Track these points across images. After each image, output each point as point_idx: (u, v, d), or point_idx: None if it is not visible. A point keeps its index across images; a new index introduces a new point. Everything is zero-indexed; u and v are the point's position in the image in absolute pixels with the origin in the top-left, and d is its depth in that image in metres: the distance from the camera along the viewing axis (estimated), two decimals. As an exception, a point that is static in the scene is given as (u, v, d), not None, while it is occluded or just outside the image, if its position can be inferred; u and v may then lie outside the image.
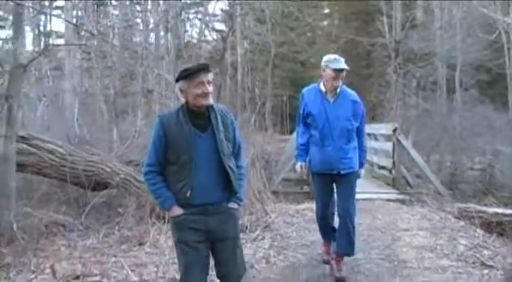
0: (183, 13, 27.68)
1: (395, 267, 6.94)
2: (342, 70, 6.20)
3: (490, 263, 7.00)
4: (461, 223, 9.16)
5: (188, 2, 31.91)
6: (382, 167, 16.12)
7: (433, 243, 7.98)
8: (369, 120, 27.94)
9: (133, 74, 25.05)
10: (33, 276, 6.97)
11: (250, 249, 7.63)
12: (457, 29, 27.47)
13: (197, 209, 4.43)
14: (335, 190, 6.69)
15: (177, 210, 4.43)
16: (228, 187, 4.52)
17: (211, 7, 35.27)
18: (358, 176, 6.59)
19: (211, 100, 4.42)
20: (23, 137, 10.13)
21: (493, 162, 17.37)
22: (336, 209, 6.71)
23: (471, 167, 19.19)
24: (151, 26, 27.53)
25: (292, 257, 7.33)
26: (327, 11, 44.49)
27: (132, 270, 6.88)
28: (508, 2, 25.77)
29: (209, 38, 36.55)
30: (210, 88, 4.39)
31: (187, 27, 33.08)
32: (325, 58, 6.38)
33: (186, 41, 29.84)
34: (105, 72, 24.15)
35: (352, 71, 33.96)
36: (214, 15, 37.42)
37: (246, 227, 8.64)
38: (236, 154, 4.64)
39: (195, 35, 35.13)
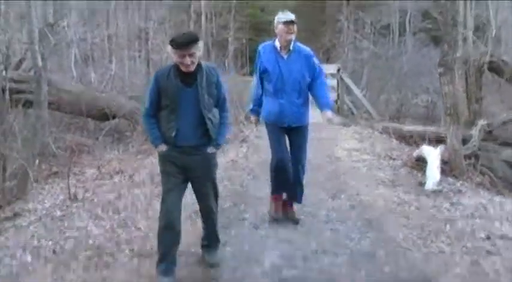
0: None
1: (332, 161, 10.37)
2: (291, 22, 6.29)
3: (395, 156, 10.47)
4: (384, 136, 12.68)
5: None
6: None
7: (360, 147, 11.64)
8: (324, 61, 30.84)
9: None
10: (80, 177, 9.89)
11: (233, 153, 10.93)
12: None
13: (179, 148, 5.07)
14: (289, 144, 6.76)
15: (162, 147, 5.10)
16: (206, 134, 5.11)
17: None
18: (327, 118, 6.61)
19: (192, 68, 4.95)
20: (45, 81, 12.54)
21: (434, 98, 19.87)
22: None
23: (416, 103, 22.33)
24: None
25: (262, 155, 10.29)
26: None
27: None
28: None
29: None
30: (192, 59, 4.88)
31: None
32: (276, 16, 6.48)
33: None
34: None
35: (308, 17, 36.56)
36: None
37: (227, 141, 11.84)
38: (220, 106, 5.25)
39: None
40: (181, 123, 5.05)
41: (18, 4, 15.61)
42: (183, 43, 4.84)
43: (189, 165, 5.14)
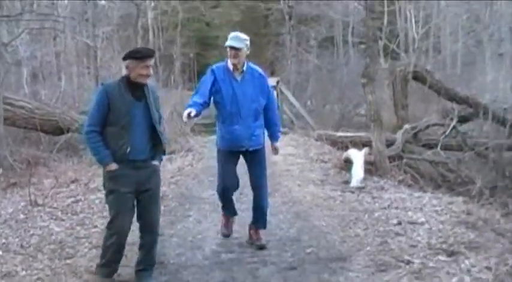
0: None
1: (269, 164, 11.29)
2: (235, 48, 6.16)
3: (327, 160, 11.58)
4: (318, 143, 13.81)
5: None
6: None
7: (295, 152, 12.77)
8: (269, 75, 31.86)
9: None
10: (38, 186, 10.60)
11: (179, 162, 11.85)
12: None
13: (131, 164, 5.03)
14: (246, 168, 6.65)
15: (114, 166, 4.99)
16: (154, 147, 5.21)
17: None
18: (276, 150, 6.85)
19: (149, 80, 5.16)
20: None
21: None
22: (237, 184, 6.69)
23: (359, 112, 23.48)
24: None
25: (206, 162, 11.30)
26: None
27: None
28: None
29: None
30: (151, 71, 5.10)
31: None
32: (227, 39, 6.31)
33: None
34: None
35: (252, 31, 37.55)
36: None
37: (174, 151, 12.78)
38: (158, 121, 5.25)
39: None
40: (134, 137, 5.03)
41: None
42: (149, 54, 5.08)
43: (140, 179, 5.12)
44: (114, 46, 28.44)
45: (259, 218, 6.65)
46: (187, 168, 11.57)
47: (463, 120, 14.72)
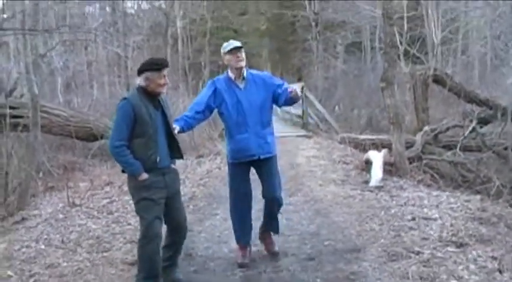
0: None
1: (293, 166, 11.92)
2: (238, 48, 6.03)
3: (348, 161, 12.05)
4: (341, 146, 14.28)
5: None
6: (298, 116, 21.17)
7: (318, 154, 13.25)
8: (295, 81, 32.37)
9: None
10: (75, 189, 11.19)
11: (208, 165, 12.41)
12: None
13: (160, 170, 5.18)
14: (258, 178, 6.35)
15: (145, 175, 5.07)
16: (172, 152, 5.38)
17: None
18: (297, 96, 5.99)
19: (166, 89, 5.31)
20: (38, 106, 13.81)
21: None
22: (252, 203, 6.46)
23: (384, 117, 23.85)
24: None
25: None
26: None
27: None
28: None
29: (147, 8, 37.91)
30: (168, 80, 5.24)
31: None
32: (221, 48, 6.20)
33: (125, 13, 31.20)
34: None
35: (279, 38, 38.01)
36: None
37: (203, 155, 13.36)
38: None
39: (134, 8, 36.94)
40: (160, 145, 5.18)
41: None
42: (165, 64, 5.24)
43: (168, 184, 5.27)
44: (144, 55, 29.03)
45: (272, 222, 6.48)
46: (215, 170, 12.13)
47: (482, 121, 15.03)
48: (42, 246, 7.04)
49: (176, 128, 5.67)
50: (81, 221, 8.27)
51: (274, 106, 6.41)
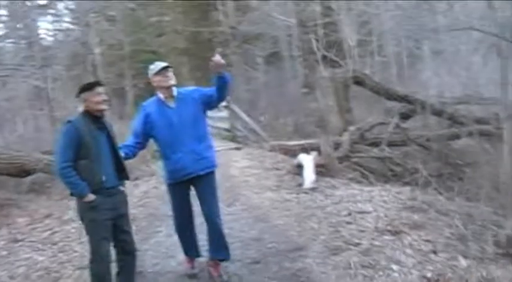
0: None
1: (228, 178, 12.13)
2: (165, 68, 6.04)
3: (280, 167, 12.38)
4: (272, 153, 14.61)
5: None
6: (226, 129, 21.42)
7: (251, 164, 13.51)
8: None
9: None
10: (14, 225, 11.08)
11: (144, 186, 12.51)
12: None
13: (107, 191, 5.25)
14: (198, 198, 6.30)
15: (92, 196, 5.15)
16: (119, 173, 5.45)
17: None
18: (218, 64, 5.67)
19: (106, 105, 5.37)
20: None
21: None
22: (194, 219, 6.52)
23: (310, 122, 24.36)
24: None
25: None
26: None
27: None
28: None
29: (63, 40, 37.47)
30: (105, 97, 5.33)
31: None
32: (148, 71, 6.15)
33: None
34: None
35: (198, 55, 37.94)
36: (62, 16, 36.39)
37: (138, 177, 13.44)
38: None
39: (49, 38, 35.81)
40: (105, 166, 5.26)
41: None
42: (97, 82, 5.45)
43: (115, 205, 5.36)
44: (66, 86, 28.74)
45: (219, 248, 6.30)
46: (153, 190, 12.20)
47: (404, 117, 15.69)
48: (-10, 285, 6.99)
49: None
50: (27, 255, 8.21)
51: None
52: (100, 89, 5.32)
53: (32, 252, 8.37)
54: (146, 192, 11.95)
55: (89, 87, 5.33)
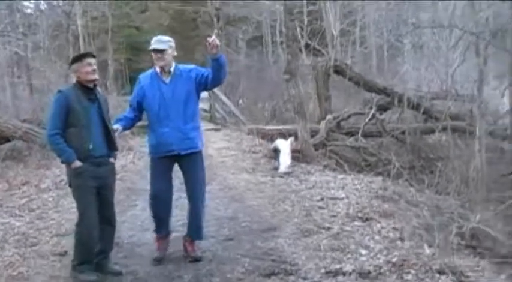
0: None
1: (205, 157, 12.26)
2: (158, 51, 5.95)
3: (257, 151, 12.62)
4: (250, 136, 14.85)
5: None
6: (205, 110, 21.62)
7: (228, 146, 13.81)
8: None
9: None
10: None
11: (122, 161, 12.68)
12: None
13: (94, 160, 5.37)
14: (182, 177, 6.31)
15: (78, 163, 5.29)
16: (109, 144, 5.54)
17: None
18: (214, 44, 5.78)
19: (97, 76, 5.49)
20: None
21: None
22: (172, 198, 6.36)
23: (287, 109, 24.58)
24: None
25: (147, 160, 11.73)
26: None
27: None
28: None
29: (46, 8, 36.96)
30: (95, 66, 5.42)
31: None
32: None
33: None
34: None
35: (182, 34, 37.96)
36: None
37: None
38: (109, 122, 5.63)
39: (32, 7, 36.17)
40: (94, 135, 5.35)
41: None
42: (87, 53, 5.63)
43: (101, 175, 5.46)
44: (47, 55, 28.58)
45: (194, 228, 6.29)
46: (130, 165, 12.41)
47: (382, 108, 15.95)
48: (-33, 246, 7.12)
49: (118, 128, 5.91)
50: (4, 220, 8.33)
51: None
52: (90, 60, 5.43)
53: (9, 217, 8.52)
54: (123, 166, 12.12)
55: (79, 58, 5.48)
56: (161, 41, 5.99)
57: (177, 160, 6.12)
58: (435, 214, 7.36)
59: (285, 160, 11.01)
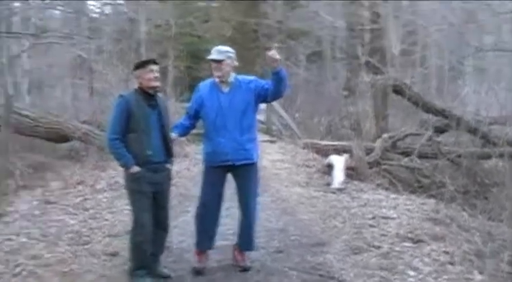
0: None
1: (260, 169, 12.38)
2: (216, 61, 5.97)
3: (311, 165, 12.65)
4: (305, 150, 14.89)
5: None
6: (262, 122, 21.72)
7: (283, 158, 13.88)
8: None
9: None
10: (47, 188, 11.45)
11: (177, 167, 12.71)
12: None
13: (152, 166, 5.49)
14: (235, 187, 6.27)
15: (136, 168, 5.42)
16: (167, 151, 5.68)
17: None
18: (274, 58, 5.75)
19: (159, 83, 5.60)
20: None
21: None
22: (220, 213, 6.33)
23: (344, 126, 24.54)
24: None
25: (201, 167, 12.27)
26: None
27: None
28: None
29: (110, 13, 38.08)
30: (157, 74, 5.52)
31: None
32: None
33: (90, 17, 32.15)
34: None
35: (243, 45, 38.19)
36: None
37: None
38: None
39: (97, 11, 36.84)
40: (153, 141, 5.47)
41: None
42: (151, 60, 5.65)
43: (158, 180, 5.58)
44: (109, 58, 29.06)
45: (246, 239, 6.32)
46: (184, 171, 12.59)
47: (438, 130, 15.76)
48: (24, 239, 7.30)
49: (175, 136, 6.00)
50: (59, 217, 8.58)
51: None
52: (153, 67, 5.55)
53: (64, 215, 8.79)
54: (178, 173, 12.28)
55: (142, 64, 5.60)
56: (220, 52, 6.02)
57: (231, 170, 6.12)
58: (487, 240, 7.24)
59: (338, 176, 11.03)
